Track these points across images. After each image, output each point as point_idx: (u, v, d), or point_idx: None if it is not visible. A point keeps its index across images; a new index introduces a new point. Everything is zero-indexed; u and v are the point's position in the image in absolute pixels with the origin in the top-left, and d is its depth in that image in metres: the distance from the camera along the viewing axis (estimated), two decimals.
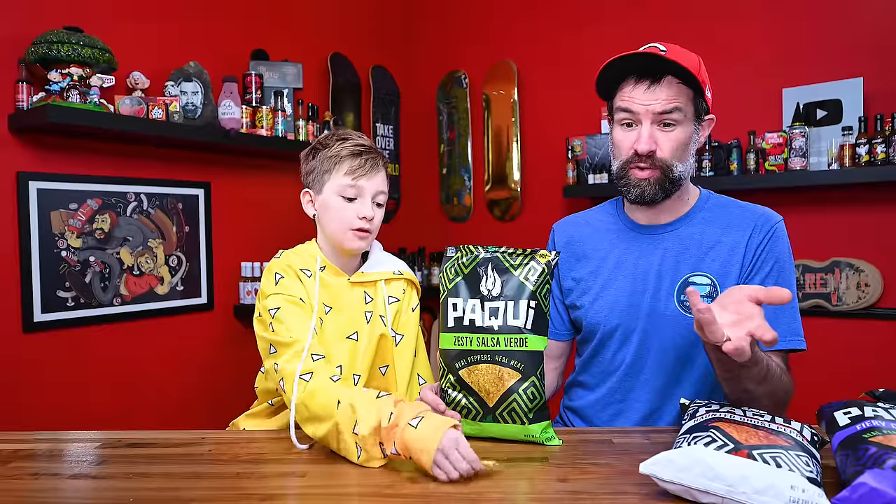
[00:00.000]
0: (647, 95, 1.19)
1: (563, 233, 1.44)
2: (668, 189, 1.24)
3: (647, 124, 1.20)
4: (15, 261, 2.02)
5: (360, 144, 1.34)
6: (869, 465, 0.77)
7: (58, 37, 1.94)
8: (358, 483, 0.93)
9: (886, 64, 2.39)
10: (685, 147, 1.23)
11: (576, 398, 1.40)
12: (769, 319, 0.99)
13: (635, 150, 1.21)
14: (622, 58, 1.19)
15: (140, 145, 2.32)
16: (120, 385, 2.27)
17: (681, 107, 1.19)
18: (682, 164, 1.23)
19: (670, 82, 1.19)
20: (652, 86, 1.19)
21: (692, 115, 1.23)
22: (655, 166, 1.21)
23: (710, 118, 1.28)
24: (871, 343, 2.40)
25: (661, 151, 1.21)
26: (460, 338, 1.13)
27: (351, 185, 1.31)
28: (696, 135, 1.25)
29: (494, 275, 1.13)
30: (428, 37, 3.62)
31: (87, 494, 0.93)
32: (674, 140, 1.21)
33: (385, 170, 1.38)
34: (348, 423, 1.03)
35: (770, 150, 2.47)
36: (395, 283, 1.43)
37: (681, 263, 1.26)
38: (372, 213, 1.33)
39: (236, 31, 2.70)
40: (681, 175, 1.23)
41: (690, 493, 0.81)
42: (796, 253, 2.56)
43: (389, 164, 3.47)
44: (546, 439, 1.10)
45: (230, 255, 2.62)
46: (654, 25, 2.87)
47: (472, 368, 1.11)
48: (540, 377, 1.09)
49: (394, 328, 1.40)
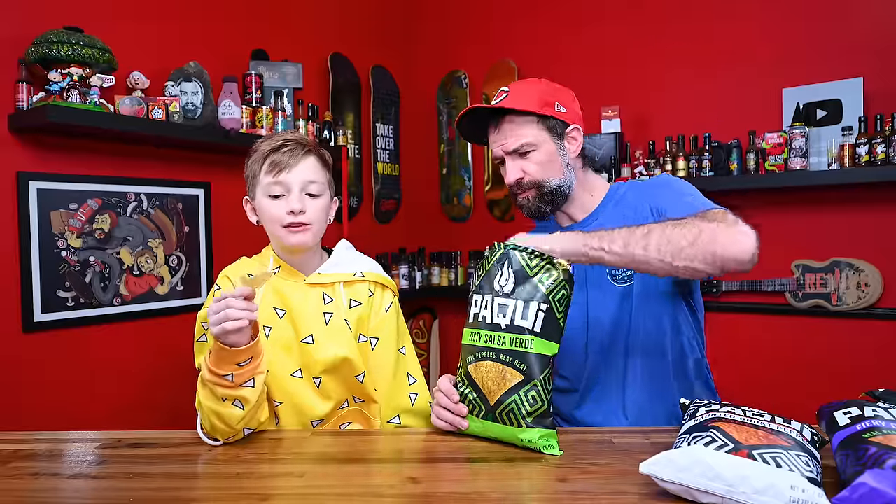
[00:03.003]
0: (498, 136, 1.36)
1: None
2: (551, 201, 1.37)
3: (509, 159, 1.36)
4: (15, 261, 2.02)
5: (283, 139, 1.29)
6: (869, 465, 0.77)
7: (58, 37, 1.94)
8: (358, 483, 0.93)
9: (886, 64, 2.39)
10: (550, 164, 1.35)
11: (559, 405, 1.44)
12: (684, 211, 1.17)
13: (508, 183, 1.38)
14: (463, 115, 1.38)
15: (140, 145, 2.32)
16: (120, 385, 2.27)
17: (529, 140, 1.33)
18: (556, 178, 1.35)
19: (511, 119, 1.34)
20: (497, 127, 1.36)
21: (548, 136, 1.35)
22: (528, 188, 1.36)
23: (574, 127, 1.38)
24: (871, 343, 2.40)
25: (528, 174, 1.35)
26: (474, 333, 1.13)
27: (273, 181, 1.27)
28: (562, 149, 1.36)
29: (510, 272, 1.11)
30: (428, 37, 3.62)
31: (87, 494, 0.93)
32: (535, 162, 1.34)
33: (316, 157, 1.31)
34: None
35: (770, 150, 2.47)
36: (359, 286, 1.37)
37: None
38: (300, 206, 1.26)
39: (236, 31, 2.70)
40: (558, 187, 1.36)
41: (690, 493, 0.81)
42: (796, 253, 2.58)
43: (389, 164, 3.48)
44: (544, 447, 1.06)
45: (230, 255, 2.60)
46: (654, 26, 2.88)
47: (479, 364, 1.11)
48: (545, 382, 1.08)
49: (366, 333, 1.36)
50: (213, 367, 1.10)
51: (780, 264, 2.58)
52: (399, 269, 3.28)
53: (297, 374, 1.30)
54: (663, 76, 2.85)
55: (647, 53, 2.90)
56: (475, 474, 0.97)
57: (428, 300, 3.56)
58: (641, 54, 2.91)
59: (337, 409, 1.33)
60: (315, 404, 1.30)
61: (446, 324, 3.60)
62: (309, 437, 1.20)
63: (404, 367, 1.39)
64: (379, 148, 3.43)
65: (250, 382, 1.13)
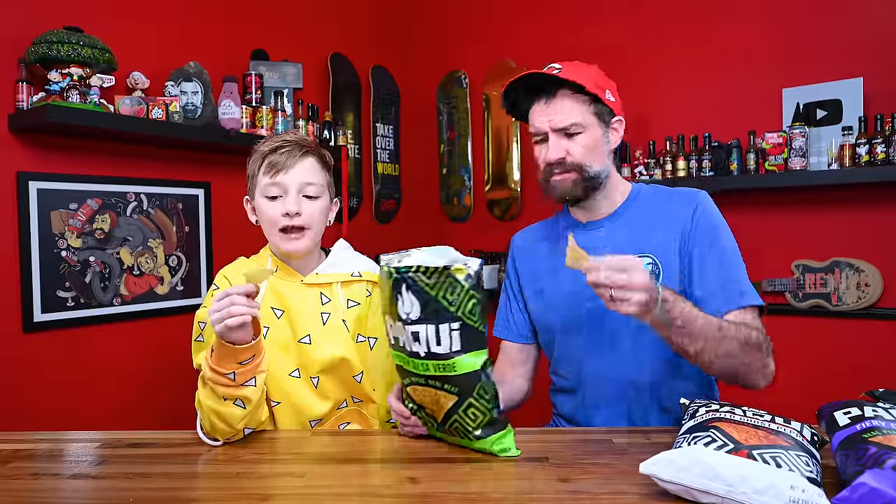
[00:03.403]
0: (548, 109, 1.31)
1: (519, 241, 1.54)
2: (587, 187, 1.32)
3: (553, 136, 1.31)
4: (15, 261, 2.02)
5: (282, 139, 1.28)
6: (869, 465, 0.77)
7: (58, 37, 1.94)
8: (358, 483, 0.93)
9: (886, 64, 2.39)
10: (594, 149, 1.31)
11: (561, 406, 1.45)
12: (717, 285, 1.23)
13: (547, 161, 1.32)
14: (517, 81, 1.32)
15: (140, 145, 2.32)
16: (120, 385, 2.27)
17: (579, 119, 1.29)
18: (596, 165, 1.31)
19: (565, 95, 1.30)
20: (549, 101, 1.31)
21: (596, 122, 1.32)
22: (569, 170, 1.31)
23: (619, 119, 1.36)
24: (871, 343, 2.40)
25: (571, 156, 1.30)
26: (399, 357, 1.09)
27: (271, 183, 1.26)
28: (606, 137, 1.35)
29: (411, 296, 1.02)
30: (428, 37, 3.62)
31: (87, 494, 0.93)
32: (581, 144, 1.30)
33: (315, 158, 1.30)
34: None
35: (770, 150, 2.46)
36: (357, 286, 1.37)
37: (622, 248, 1.32)
38: (296, 208, 1.24)
39: (236, 31, 2.70)
40: (597, 174, 1.32)
41: (690, 493, 0.81)
42: (796, 253, 2.58)
43: (389, 164, 3.48)
44: (500, 451, 1.03)
45: (230, 255, 2.60)
46: (654, 26, 2.88)
47: (414, 388, 1.09)
48: (480, 395, 1.02)
49: (364, 333, 1.36)
50: (215, 366, 1.10)
51: (780, 264, 2.58)
52: None
53: (295, 374, 1.30)
54: (663, 76, 2.85)
55: (646, 53, 2.90)
56: (475, 474, 0.97)
57: None
58: (641, 54, 2.91)
59: (335, 409, 1.33)
60: (313, 404, 1.30)
61: None
62: (308, 437, 1.20)
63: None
64: (379, 148, 3.43)
65: (252, 381, 1.14)
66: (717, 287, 1.25)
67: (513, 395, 1.44)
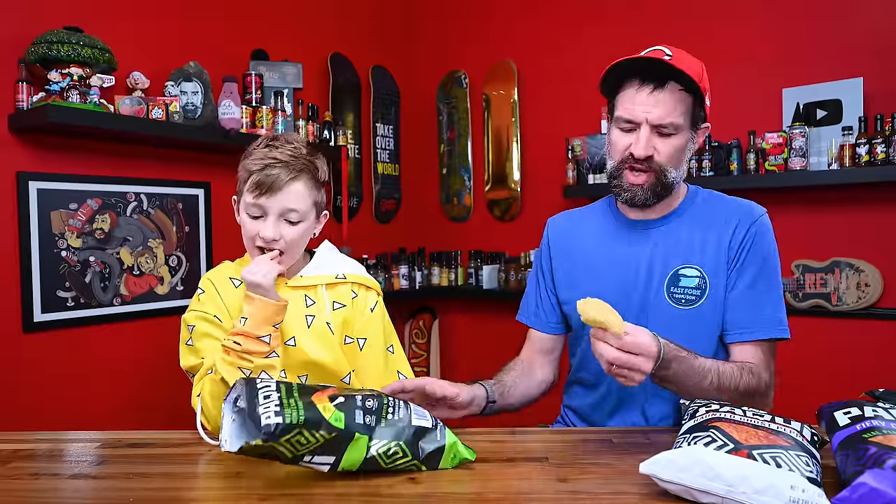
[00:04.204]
0: (650, 100, 1.20)
1: (556, 227, 1.46)
2: (660, 194, 1.26)
3: (647, 129, 1.21)
4: (15, 261, 2.02)
5: (273, 157, 1.24)
6: (869, 465, 0.77)
7: (58, 37, 1.94)
8: (357, 483, 0.93)
9: (886, 64, 2.39)
10: (681, 153, 1.25)
11: (575, 397, 1.41)
12: (751, 309, 1.18)
13: (631, 153, 1.23)
14: (629, 60, 1.20)
15: (140, 145, 2.32)
16: (120, 385, 2.27)
17: (679, 120, 1.21)
18: (676, 170, 1.25)
19: (672, 89, 1.20)
20: (654, 91, 1.20)
21: (688, 124, 1.24)
22: (651, 169, 1.23)
23: (706, 126, 1.30)
24: (871, 343, 2.40)
25: (659, 156, 1.22)
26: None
27: (253, 202, 1.25)
28: (692, 142, 1.28)
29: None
30: (428, 37, 3.62)
31: (87, 494, 0.93)
32: (671, 146, 1.22)
33: (306, 178, 1.26)
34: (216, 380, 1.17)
35: (770, 150, 2.47)
36: (342, 288, 1.36)
37: (671, 256, 1.28)
38: (272, 235, 1.23)
39: (236, 31, 2.70)
40: (674, 181, 1.25)
41: (690, 493, 0.81)
42: (796, 253, 2.57)
43: (389, 164, 3.48)
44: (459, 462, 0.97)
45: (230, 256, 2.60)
46: (654, 26, 2.87)
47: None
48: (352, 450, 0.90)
49: (352, 334, 1.35)
50: (251, 330, 1.17)
51: (781, 264, 2.57)
52: (399, 269, 3.28)
53: (282, 375, 1.30)
54: None
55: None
56: (475, 474, 0.97)
57: (428, 300, 3.56)
58: None
59: None
60: None
61: (446, 324, 3.60)
62: None
63: (394, 366, 1.39)
64: (379, 148, 3.43)
65: (275, 354, 1.20)
66: (752, 312, 1.23)
67: (540, 384, 1.42)
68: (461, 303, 3.52)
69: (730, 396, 1.14)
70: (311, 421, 0.86)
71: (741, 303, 1.25)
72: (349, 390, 0.97)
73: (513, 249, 3.24)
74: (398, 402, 0.97)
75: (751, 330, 1.24)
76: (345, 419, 0.89)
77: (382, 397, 0.96)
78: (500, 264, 3.23)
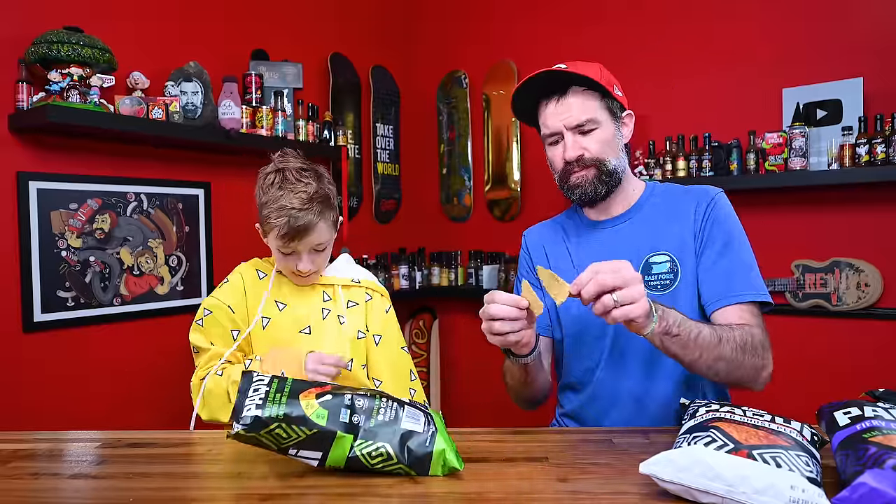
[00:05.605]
0: (560, 108, 1.30)
1: (532, 236, 1.52)
2: (607, 182, 1.32)
3: (569, 134, 1.30)
4: (15, 261, 2.02)
5: (291, 207, 1.30)
6: (869, 465, 0.77)
7: (58, 37, 1.94)
8: (357, 482, 0.93)
9: (886, 64, 2.39)
10: (610, 142, 1.31)
11: (567, 403, 1.43)
12: (724, 279, 1.24)
13: (565, 160, 1.31)
14: (525, 83, 1.31)
15: (140, 145, 2.32)
16: (120, 385, 2.27)
17: (594, 115, 1.29)
18: (615, 159, 1.32)
19: (576, 91, 1.29)
20: (560, 99, 1.30)
21: (608, 117, 1.31)
22: (588, 165, 1.31)
23: (628, 113, 1.37)
24: (871, 343, 2.40)
25: (589, 152, 1.30)
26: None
27: (283, 246, 1.35)
28: (619, 132, 1.34)
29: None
30: (428, 37, 3.62)
31: (87, 494, 0.93)
32: (596, 140, 1.30)
33: (327, 217, 1.36)
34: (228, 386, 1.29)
35: (770, 150, 2.46)
36: (356, 290, 1.49)
37: (639, 247, 1.32)
38: (309, 267, 1.38)
39: (236, 31, 2.70)
40: (615, 168, 1.32)
41: (690, 493, 0.81)
42: (796, 253, 2.57)
43: (389, 164, 3.48)
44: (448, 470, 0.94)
45: (230, 255, 2.62)
46: (654, 26, 2.88)
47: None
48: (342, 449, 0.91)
49: (366, 330, 1.46)
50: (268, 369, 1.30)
51: (780, 264, 2.58)
52: (399, 269, 3.28)
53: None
54: (663, 76, 2.85)
55: (647, 53, 2.90)
56: (475, 474, 0.97)
57: (428, 300, 3.56)
58: (641, 54, 2.91)
59: None
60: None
61: (446, 324, 3.60)
62: None
63: (407, 364, 1.49)
64: (379, 148, 3.43)
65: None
66: (724, 280, 1.25)
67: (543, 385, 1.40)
68: (461, 303, 3.52)
69: (732, 349, 1.13)
70: (290, 416, 0.89)
71: (713, 275, 1.27)
72: (347, 388, 0.97)
73: (513, 249, 3.25)
74: (392, 403, 0.97)
75: (727, 296, 1.25)
76: (328, 417, 0.91)
77: (376, 398, 0.96)
78: (500, 264, 3.23)
